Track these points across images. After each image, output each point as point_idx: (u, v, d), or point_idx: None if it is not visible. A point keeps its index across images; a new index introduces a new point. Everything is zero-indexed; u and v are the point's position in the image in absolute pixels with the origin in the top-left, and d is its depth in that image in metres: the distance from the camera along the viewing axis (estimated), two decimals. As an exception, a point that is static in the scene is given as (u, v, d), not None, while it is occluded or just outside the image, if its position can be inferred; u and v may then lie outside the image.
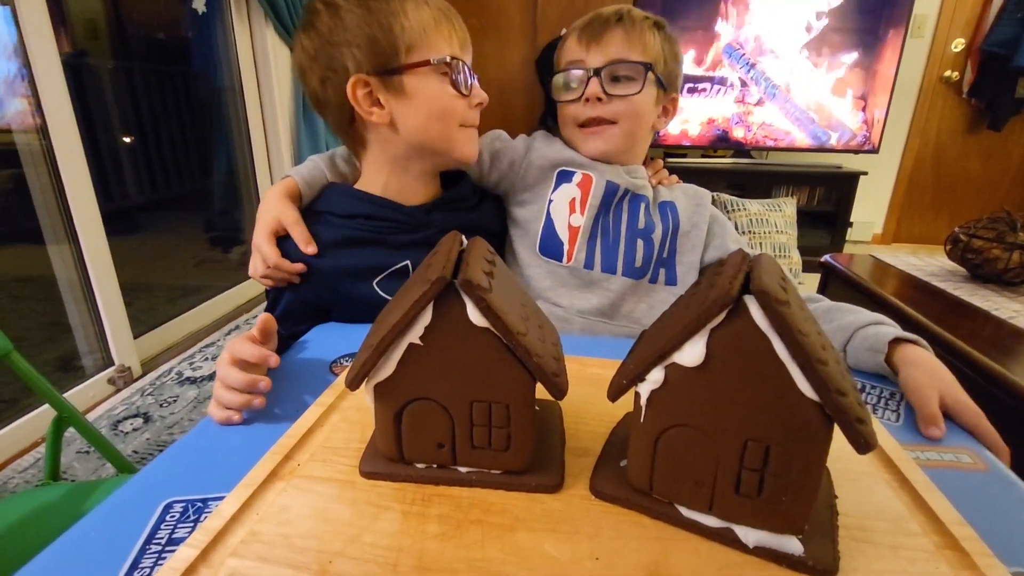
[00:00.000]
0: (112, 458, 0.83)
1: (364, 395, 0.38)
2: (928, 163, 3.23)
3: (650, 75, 0.78)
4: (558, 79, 0.82)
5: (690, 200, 0.84)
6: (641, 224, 0.79)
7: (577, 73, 0.79)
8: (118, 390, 1.70)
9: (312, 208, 0.76)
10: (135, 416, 1.56)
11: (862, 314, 0.64)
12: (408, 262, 0.74)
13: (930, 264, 1.49)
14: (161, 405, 1.61)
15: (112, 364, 1.73)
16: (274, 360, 0.53)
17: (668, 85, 0.82)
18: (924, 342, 0.58)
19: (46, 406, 0.77)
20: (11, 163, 1.53)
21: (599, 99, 0.78)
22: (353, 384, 0.36)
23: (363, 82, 0.68)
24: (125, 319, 1.77)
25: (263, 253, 0.69)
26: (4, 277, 1.79)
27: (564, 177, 0.81)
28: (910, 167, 3.24)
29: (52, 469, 0.78)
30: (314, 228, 0.72)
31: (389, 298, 0.45)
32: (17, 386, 0.74)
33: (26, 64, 1.47)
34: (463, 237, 0.39)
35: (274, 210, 0.71)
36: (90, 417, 1.55)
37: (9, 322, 1.73)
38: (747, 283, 0.30)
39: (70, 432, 0.81)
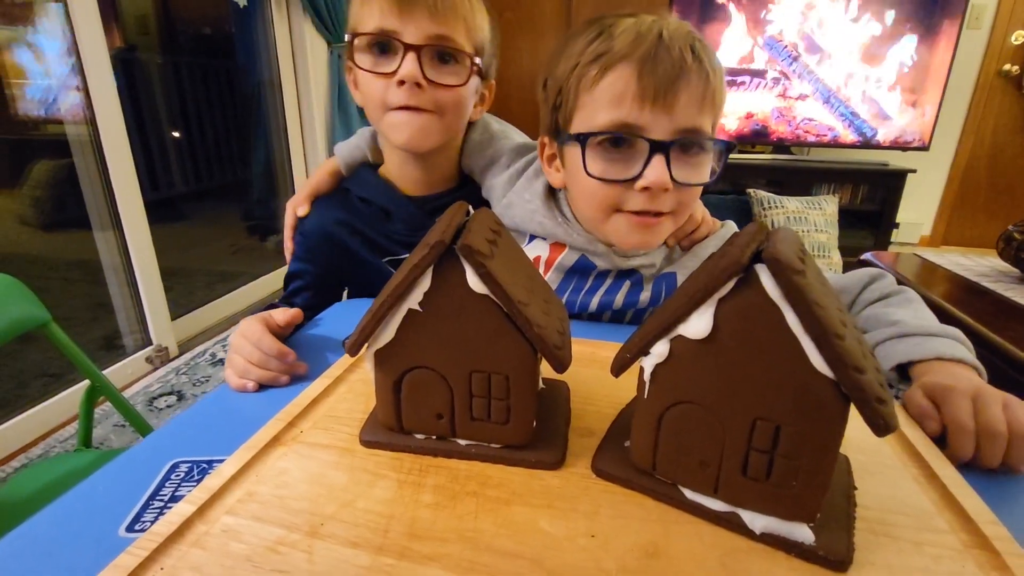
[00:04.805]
0: (140, 427, 0.86)
1: (365, 363, 0.38)
2: (983, 162, 3.05)
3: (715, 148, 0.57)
4: (598, 143, 0.55)
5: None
6: (618, 303, 0.65)
7: (637, 145, 0.54)
8: (155, 368, 1.77)
9: (343, 184, 0.80)
10: (170, 393, 1.62)
11: (889, 327, 0.53)
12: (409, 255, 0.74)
13: (980, 264, 1.40)
14: (194, 384, 1.67)
15: (150, 344, 1.80)
16: (291, 357, 0.52)
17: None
18: (949, 355, 0.48)
19: (87, 381, 0.81)
20: (63, 153, 1.61)
21: (665, 189, 0.54)
22: (353, 349, 0.36)
23: (348, 66, 0.70)
24: (164, 302, 1.84)
25: (287, 215, 0.78)
26: (58, 261, 1.89)
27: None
28: (963, 166, 3.07)
29: (84, 436, 0.82)
30: (333, 206, 0.77)
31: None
32: (64, 361, 0.78)
33: (78, 59, 1.54)
34: (469, 207, 0.38)
35: (313, 182, 0.80)
36: (127, 393, 1.62)
37: (60, 303, 1.82)
38: (761, 254, 0.29)
39: (108, 406, 0.84)
